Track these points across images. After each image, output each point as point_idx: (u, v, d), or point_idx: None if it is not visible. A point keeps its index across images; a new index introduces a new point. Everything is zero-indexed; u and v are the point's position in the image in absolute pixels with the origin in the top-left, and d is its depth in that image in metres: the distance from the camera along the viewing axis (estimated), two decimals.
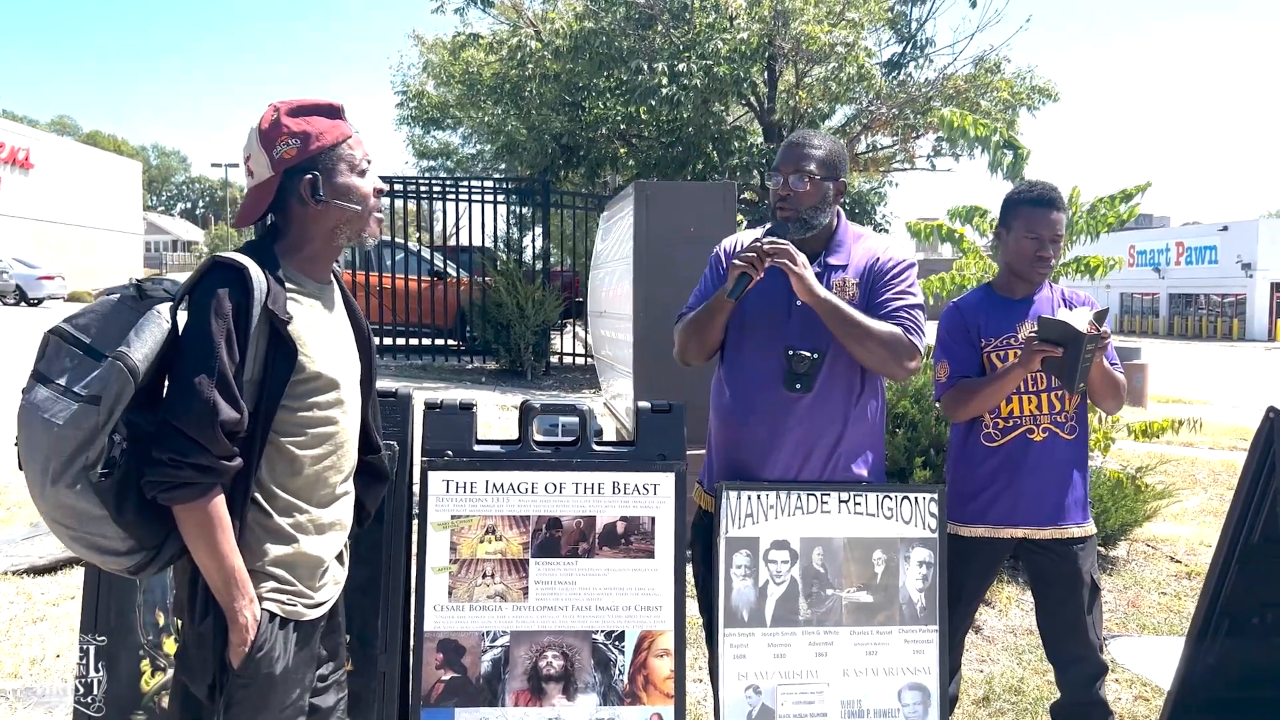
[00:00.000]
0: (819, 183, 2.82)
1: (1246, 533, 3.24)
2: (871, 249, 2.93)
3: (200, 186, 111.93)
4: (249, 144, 2.04)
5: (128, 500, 1.83)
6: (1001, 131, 5.55)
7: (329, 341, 2.10)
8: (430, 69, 24.79)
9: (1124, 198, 5.38)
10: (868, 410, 2.91)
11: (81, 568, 5.14)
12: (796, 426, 2.84)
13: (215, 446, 1.85)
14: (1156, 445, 7.09)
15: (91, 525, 1.82)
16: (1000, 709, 4.01)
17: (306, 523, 2.08)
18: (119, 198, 50.01)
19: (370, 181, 2.11)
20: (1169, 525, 6.92)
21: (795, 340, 2.81)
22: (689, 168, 16.49)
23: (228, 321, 1.89)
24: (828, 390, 2.83)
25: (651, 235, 5.88)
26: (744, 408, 2.87)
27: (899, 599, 2.94)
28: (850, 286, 2.85)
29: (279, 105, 2.05)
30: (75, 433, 1.77)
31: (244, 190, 2.12)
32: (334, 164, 2.04)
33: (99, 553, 1.88)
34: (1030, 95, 17.46)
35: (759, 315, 2.86)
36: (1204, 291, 49.69)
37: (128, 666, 2.74)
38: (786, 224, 2.82)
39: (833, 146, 2.89)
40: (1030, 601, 5.08)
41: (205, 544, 1.89)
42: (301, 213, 2.05)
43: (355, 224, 2.09)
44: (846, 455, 2.90)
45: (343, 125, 2.08)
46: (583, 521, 2.78)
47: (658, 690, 2.76)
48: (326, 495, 2.12)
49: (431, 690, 2.70)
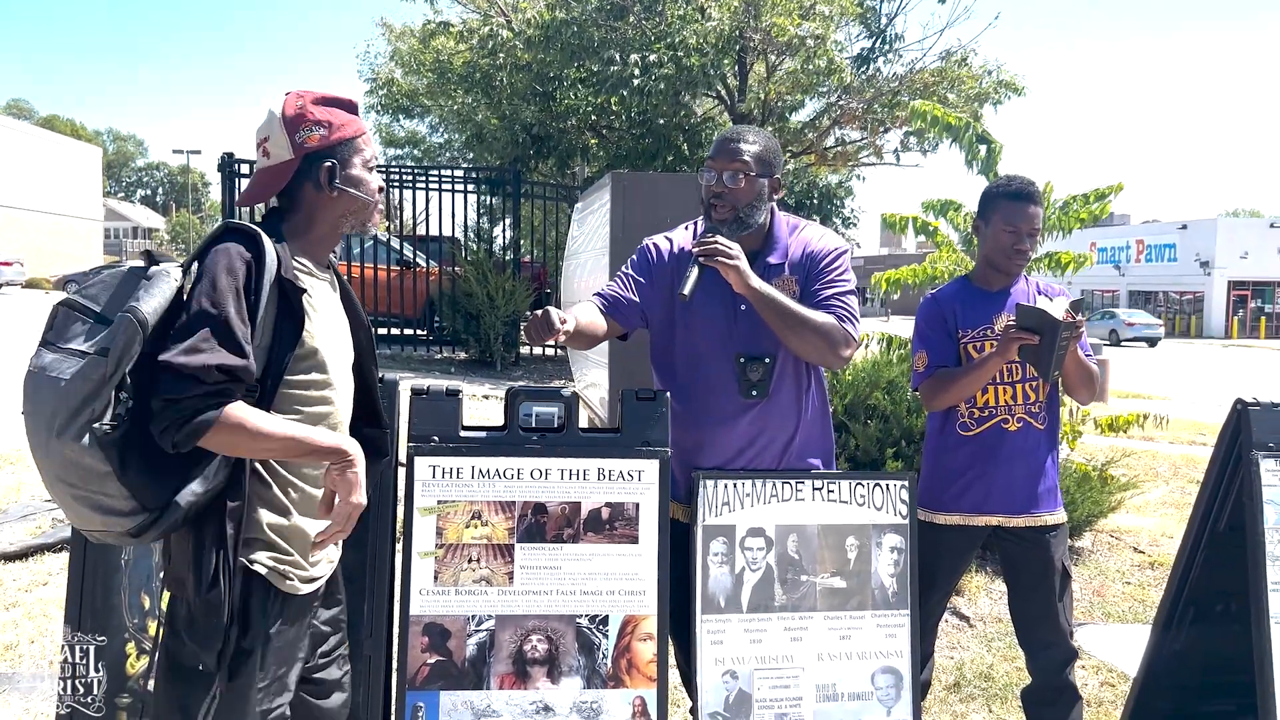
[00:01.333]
0: (754, 179, 2.80)
1: (1213, 521, 3.32)
2: (805, 239, 2.92)
3: (160, 173, 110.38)
4: (268, 126, 2.10)
5: (131, 458, 1.83)
6: (975, 125, 5.63)
7: (329, 323, 2.15)
8: (399, 57, 24.63)
9: (1098, 196, 5.48)
10: (815, 404, 2.97)
11: (53, 554, 5.11)
12: (752, 429, 2.90)
13: (211, 378, 1.83)
14: (1119, 439, 7.22)
15: (95, 483, 1.82)
16: (970, 694, 4.09)
17: (301, 498, 2.12)
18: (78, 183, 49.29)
19: (377, 179, 2.20)
20: (1132, 517, 7.05)
21: (744, 344, 2.84)
22: (659, 159, 16.51)
23: (238, 280, 1.92)
24: (779, 392, 2.88)
25: (628, 226, 5.92)
26: (696, 418, 2.91)
27: (871, 584, 3.00)
28: (791, 284, 2.85)
29: (303, 94, 2.12)
30: (83, 384, 1.78)
31: (252, 170, 2.19)
32: (350, 155, 2.13)
33: (101, 512, 1.86)
34: (997, 89, 17.60)
35: (705, 320, 2.87)
36: (1163, 289, 50.44)
37: (112, 650, 2.74)
38: (721, 225, 2.80)
39: (767, 142, 2.86)
40: (999, 590, 5.19)
41: (253, 439, 1.90)
42: (314, 198, 2.12)
43: (361, 214, 2.17)
44: (799, 450, 2.97)
45: (359, 121, 2.18)
46: (568, 507, 2.81)
47: (640, 674, 2.79)
48: (321, 474, 2.14)
49: (417, 674, 2.72)
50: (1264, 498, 3.11)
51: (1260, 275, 46.81)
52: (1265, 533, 3.10)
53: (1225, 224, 48.88)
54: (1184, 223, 49.63)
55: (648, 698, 2.79)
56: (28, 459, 7.22)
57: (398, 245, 15.06)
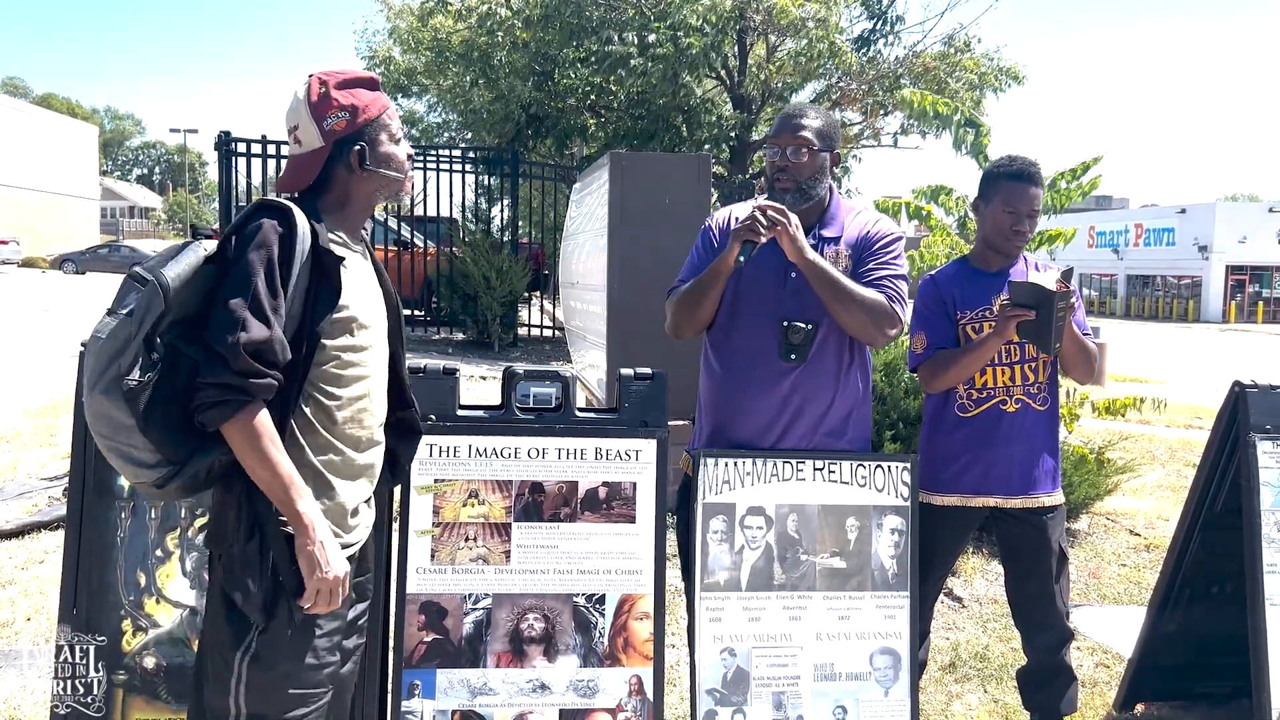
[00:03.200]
0: (816, 154, 2.88)
1: (1210, 503, 3.33)
2: (863, 221, 2.98)
3: (157, 152, 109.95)
4: (297, 114, 2.14)
5: (153, 413, 1.91)
6: (964, 111, 5.63)
7: (365, 294, 2.21)
8: (397, 35, 24.47)
9: (1083, 170, 5.50)
10: (856, 379, 2.98)
11: (49, 531, 5.11)
12: (789, 395, 2.90)
13: (238, 363, 1.92)
14: (1116, 423, 7.23)
15: (122, 435, 1.91)
16: (966, 674, 4.10)
17: (341, 464, 2.16)
18: (75, 162, 49.09)
19: (404, 149, 2.25)
20: (1128, 500, 7.06)
21: (790, 312, 2.86)
22: (657, 140, 16.44)
23: (269, 252, 1.99)
24: (820, 360, 2.89)
25: (626, 206, 5.89)
26: (738, 376, 2.93)
27: (871, 565, 3.00)
28: (844, 258, 2.91)
29: (325, 78, 2.15)
30: (112, 342, 1.88)
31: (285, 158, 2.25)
32: (377, 134, 2.18)
33: (129, 463, 1.95)
34: (997, 77, 17.53)
35: (754, 286, 2.90)
36: (1161, 273, 50.41)
37: (109, 627, 2.74)
38: (784, 195, 2.86)
39: (828, 119, 2.94)
40: (995, 571, 5.20)
41: (255, 456, 1.97)
42: (347, 178, 2.18)
43: (394, 186, 2.24)
44: (834, 423, 2.97)
45: (382, 97, 2.21)
46: (565, 486, 2.81)
47: (637, 652, 2.80)
48: (364, 437, 2.21)
49: (414, 652, 2.73)
50: (1261, 480, 3.11)
51: (1258, 260, 46.77)
52: (1261, 514, 3.10)
53: (1224, 208, 48.74)
54: (1183, 207, 49.52)
55: (644, 676, 2.79)
56: (23, 437, 7.22)
57: (395, 225, 15.01)
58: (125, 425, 1.89)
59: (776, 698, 2.91)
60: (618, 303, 5.91)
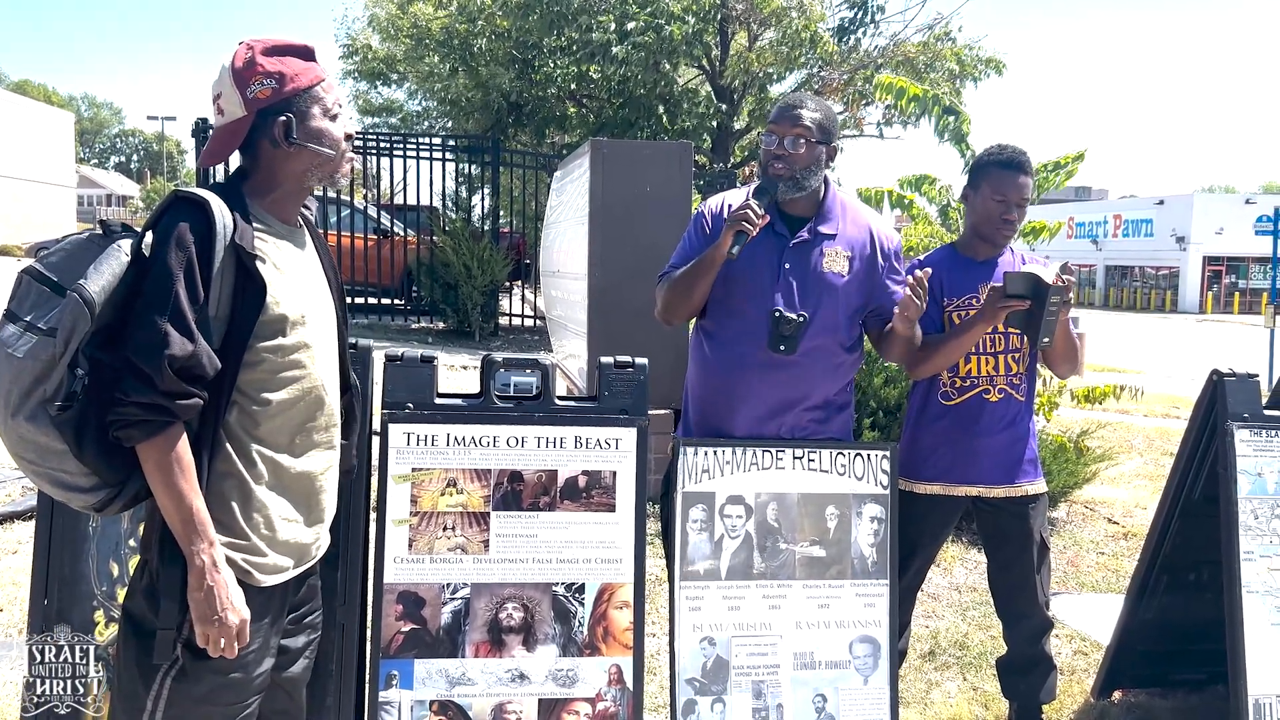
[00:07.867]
0: (813, 145, 2.86)
1: (1187, 491, 3.34)
2: (864, 223, 3.00)
3: (135, 140, 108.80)
4: (220, 82, 1.98)
5: (87, 436, 1.80)
6: (942, 97, 5.65)
7: (297, 282, 2.06)
8: (376, 22, 24.27)
9: (1055, 166, 5.53)
10: (844, 372, 3.00)
11: (23, 522, 5.05)
12: (777, 385, 2.90)
13: (164, 382, 1.79)
14: (1094, 411, 7.26)
15: (53, 460, 1.80)
16: (945, 662, 4.11)
17: (272, 473, 2.02)
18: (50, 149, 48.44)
19: (341, 126, 2.07)
20: (1106, 488, 7.11)
21: (782, 302, 2.86)
22: (638, 128, 16.40)
23: (188, 254, 1.85)
24: (809, 351, 2.88)
25: (608, 194, 5.86)
26: (728, 365, 2.93)
27: (851, 553, 3.00)
28: (841, 257, 2.92)
29: (253, 44, 1.99)
30: (33, 364, 1.75)
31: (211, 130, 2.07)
32: (308, 107, 2.01)
33: (63, 489, 1.85)
34: (978, 66, 17.56)
35: (746, 275, 2.89)
36: (1139, 264, 50.70)
37: (81, 618, 2.70)
38: (778, 181, 2.84)
39: (827, 111, 2.93)
40: (975, 559, 5.22)
41: (163, 483, 1.84)
42: (272, 154, 2.01)
43: (326, 166, 2.06)
44: (821, 414, 2.98)
45: (316, 68, 2.03)
46: (544, 475, 2.78)
47: (617, 642, 2.78)
48: (302, 442, 2.07)
49: (391, 642, 2.70)
50: (1238, 468, 3.12)
51: (1235, 251, 47.03)
52: (1239, 502, 3.11)
53: (1201, 200, 49.04)
54: (1161, 198, 49.77)
55: (624, 665, 2.78)
56: None
57: (375, 214, 14.90)
58: (56, 450, 1.78)
59: (756, 686, 2.90)
60: (599, 291, 5.89)
